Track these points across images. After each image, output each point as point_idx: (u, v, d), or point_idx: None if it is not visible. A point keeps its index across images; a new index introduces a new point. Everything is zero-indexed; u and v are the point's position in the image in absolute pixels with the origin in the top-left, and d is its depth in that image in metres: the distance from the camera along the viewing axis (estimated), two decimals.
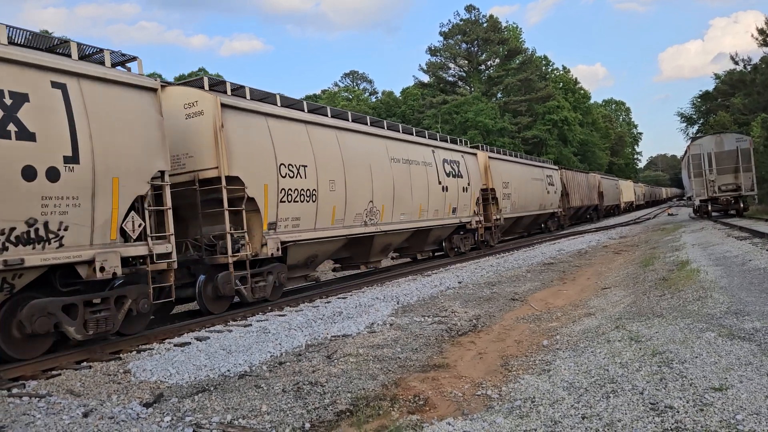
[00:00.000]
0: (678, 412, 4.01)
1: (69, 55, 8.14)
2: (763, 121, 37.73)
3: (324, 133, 13.12)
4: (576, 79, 79.19)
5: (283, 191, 11.48)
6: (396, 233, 15.89)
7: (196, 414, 5.35)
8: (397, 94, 67.88)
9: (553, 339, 7.51)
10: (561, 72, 77.23)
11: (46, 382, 6.68)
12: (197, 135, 10.43)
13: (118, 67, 8.85)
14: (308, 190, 12.23)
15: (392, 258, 19.82)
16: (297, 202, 11.87)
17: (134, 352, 8.02)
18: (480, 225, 21.43)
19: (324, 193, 12.67)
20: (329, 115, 13.87)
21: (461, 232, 20.58)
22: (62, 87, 7.60)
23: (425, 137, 18.60)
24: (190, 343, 8.32)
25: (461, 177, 20.00)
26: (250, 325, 9.43)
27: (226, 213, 10.24)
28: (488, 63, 64.80)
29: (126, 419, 5.16)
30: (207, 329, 9.36)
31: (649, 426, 3.87)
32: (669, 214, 45.90)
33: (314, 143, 12.56)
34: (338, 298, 12.08)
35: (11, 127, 6.96)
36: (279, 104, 12.29)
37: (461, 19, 63.45)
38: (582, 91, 78.58)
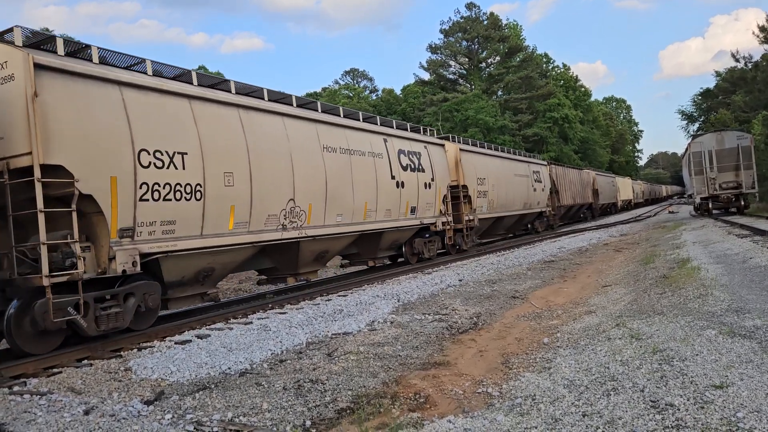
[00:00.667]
0: (679, 409, 4.01)
1: None
2: (764, 119, 37.71)
3: (219, 112, 10.32)
4: (577, 76, 79.20)
5: (145, 186, 8.69)
6: (331, 238, 13.22)
7: (197, 412, 5.36)
8: (398, 91, 67.91)
9: (553, 337, 7.51)
10: (562, 70, 77.19)
11: (47, 380, 6.69)
12: (6, 108, 7.66)
13: None
14: (189, 185, 9.41)
15: (341, 265, 17.97)
16: (170, 200, 9.09)
17: (135, 350, 8.04)
18: (449, 227, 19.00)
19: (215, 189, 9.88)
20: (232, 90, 11.10)
21: (426, 235, 18.13)
22: None
23: (376, 123, 15.97)
24: (191, 340, 8.33)
25: (423, 171, 17.20)
26: (251, 323, 9.44)
27: (41, 216, 7.38)
28: (489, 61, 64.81)
29: (127, 417, 5.17)
30: (208, 327, 9.37)
31: (650, 423, 3.87)
32: (670, 212, 45.86)
33: (200, 124, 9.79)
34: (339, 296, 12.09)
35: None
36: (150, 72, 9.52)
37: (462, 17, 63.45)
38: (583, 89, 78.55)
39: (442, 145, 19.58)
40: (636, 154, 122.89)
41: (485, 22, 62.92)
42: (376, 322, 9.08)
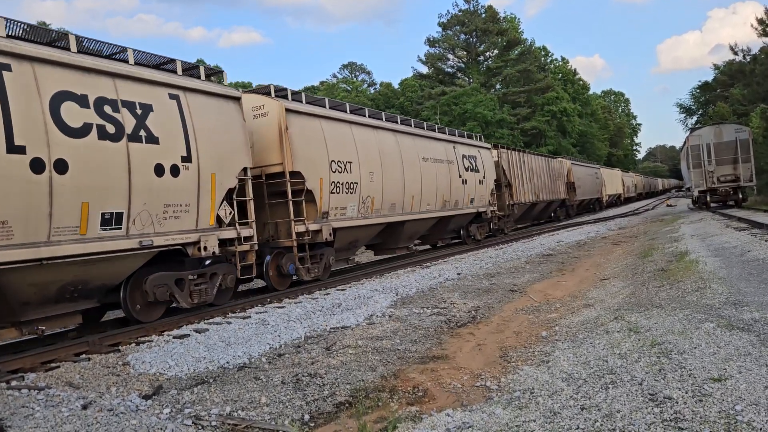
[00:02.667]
0: (677, 402, 4.01)
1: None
2: (762, 112, 37.68)
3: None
4: (575, 70, 79.06)
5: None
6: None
7: (195, 406, 5.36)
8: (396, 85, 67.73)
9: (552, 330, 7.51)
10: (560, 63, 77.05)
11: (45, 375, 6.68)
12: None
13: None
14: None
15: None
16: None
17: (133, 344, 8.02)
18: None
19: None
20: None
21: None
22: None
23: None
24: (189, 335, 8.32)
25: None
26: (249, 317, 9.43)
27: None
28: (487, 54, 64.66)
29: (125, 411, 5.16)
30: (206, 321, 9.36)
31: (648, 416, 3.87)
32: (668, 205, 45.90)
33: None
34: (337, 290, 12.08)
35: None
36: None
37: (460, 10, 63.29)
38: (581, 83, 78.43)
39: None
40: (634, 147, 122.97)
41: (483, 16, 62.73)
42: (375, 316, 9.08)
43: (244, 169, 10.63)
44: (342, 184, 13.55)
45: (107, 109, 8.18)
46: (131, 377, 6.45)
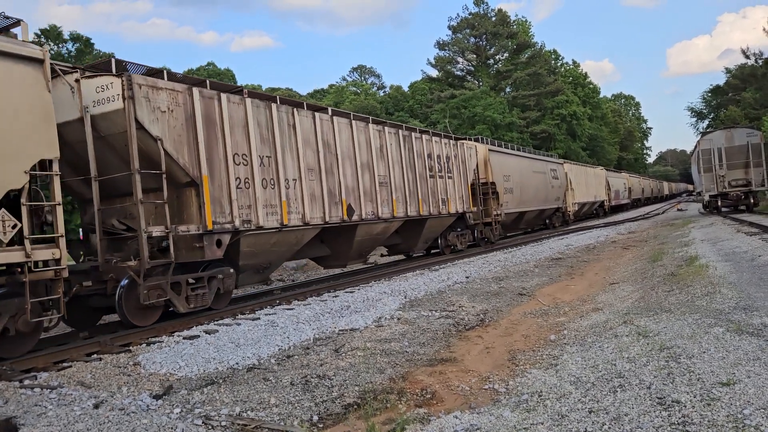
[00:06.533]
0: (685, 406, 4.01)
1: None
2: None
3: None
4: (586, 73, 78.79)
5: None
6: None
7: (205, 406, 5.41)
8: (406, 88, 67.79)
9: (560, 334, 7.51)
10: (570, 66, 76.82)
11: (57, 374, 6.76)
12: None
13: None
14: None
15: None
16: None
17: (144, 345, 8.10)
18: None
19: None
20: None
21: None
22: None
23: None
24: (199, 336, 8.39)
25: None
26: (259, 318, 9.48)
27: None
28: (497, 57, 64.58)
29: (136, 411, 5.21)
30: (216, 322, 9.42)
31: (656, 420, 3.87)
32: (678, 210, 45.62)
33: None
34: (346, 292, 12.12)
35: None
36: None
37: (470, 13, 63.22)
38: (591, 86, 78.11)
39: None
40: (645, 151, 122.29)
41: (493, 19, 62.69)
42: (383, 318, 9.10)
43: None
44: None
45: None
46: (142, 377, 6.51)
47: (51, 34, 37.38)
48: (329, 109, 13.98)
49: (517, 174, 26.03)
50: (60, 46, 37.57)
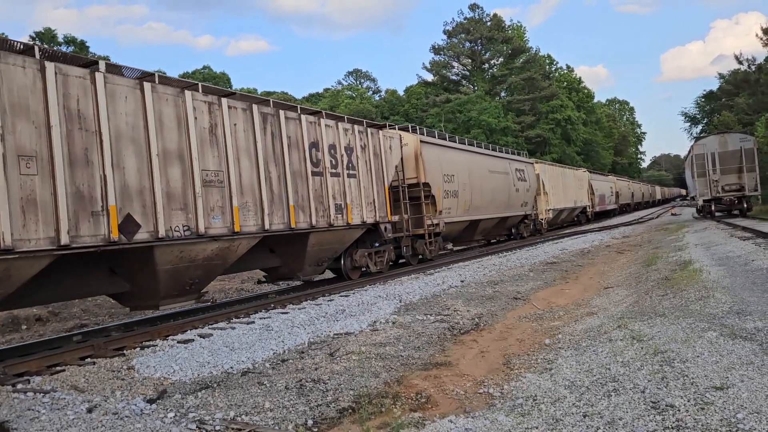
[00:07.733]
0: (679, 410, 4.02)
1: None
2: (767, 121, 37.64)
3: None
4: (580, 78, 79.16)
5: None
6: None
7: (199, 410, 5.39)
8: (401, 92, 67.95)
9: (555, 338, 7.52)
10: (565, 71, 77.15)
11: (51, 378, 6.72)
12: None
13: None
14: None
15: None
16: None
17: (138, 349, 8.06)
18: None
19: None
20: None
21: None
22: None
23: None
24: (193, 340, 8.36)
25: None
26: (253, 322, 9.46)
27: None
28: (492, 62, 64.88)
29: (130, 415, 5.19)
30: (210, 326, 9.40)
31: (650, 424, 3.88)
32: (672, 214, 45.80)
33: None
34: (341, 296, 12.10)
35: None
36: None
37: (465, 18, 63.53)
38: (586, 91, 78.47)
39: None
40: (639, 156, 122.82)
41: (488, 24, 62.97)
42: (378, 323, 9.10)
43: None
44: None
45: None
46: (136, 381, 6.49)
47: (45, 36, 37.34)
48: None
49: (464, 173, 20.87)
50: (54, 48, 37.47)
